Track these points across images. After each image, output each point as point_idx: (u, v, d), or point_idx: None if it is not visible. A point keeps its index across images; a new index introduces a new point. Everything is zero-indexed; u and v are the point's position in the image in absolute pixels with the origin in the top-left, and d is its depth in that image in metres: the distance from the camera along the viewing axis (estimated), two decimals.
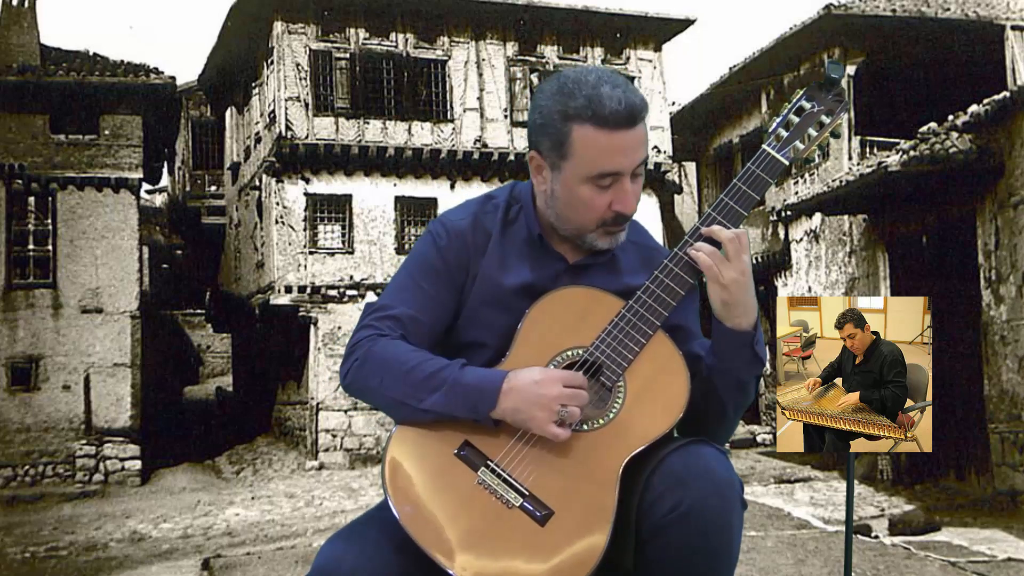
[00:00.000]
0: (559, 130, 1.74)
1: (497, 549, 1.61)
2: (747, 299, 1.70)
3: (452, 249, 1.83)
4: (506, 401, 1.64)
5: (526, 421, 1.63)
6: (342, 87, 20.77)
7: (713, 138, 23.34)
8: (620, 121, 1.71)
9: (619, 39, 22.55)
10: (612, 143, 1.71)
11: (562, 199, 1.78)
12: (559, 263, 1.85)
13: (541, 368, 1.67)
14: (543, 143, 1.78)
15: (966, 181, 11.42)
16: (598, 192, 1.75)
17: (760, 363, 1.76)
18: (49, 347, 19.05)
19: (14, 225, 19.38)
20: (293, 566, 6.06)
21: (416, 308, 1.79)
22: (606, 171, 1.73)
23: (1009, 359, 11.06)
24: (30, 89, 19.23)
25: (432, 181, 20.94)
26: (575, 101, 1.72)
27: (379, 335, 1.75)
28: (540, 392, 1.63)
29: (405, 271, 1.85)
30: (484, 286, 1.82)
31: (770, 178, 1.74)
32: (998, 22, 16.11)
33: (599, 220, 1.77)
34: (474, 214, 1.87)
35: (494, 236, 1.85)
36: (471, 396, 1.65)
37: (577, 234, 1.81)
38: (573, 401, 1.63)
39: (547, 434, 1.63)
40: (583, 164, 1.73)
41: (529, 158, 1.83)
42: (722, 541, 1.61)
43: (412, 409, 1.69)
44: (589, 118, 1.70)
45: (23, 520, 15.62)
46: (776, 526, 7.39)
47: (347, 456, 19.70)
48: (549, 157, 1.78)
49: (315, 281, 20.15)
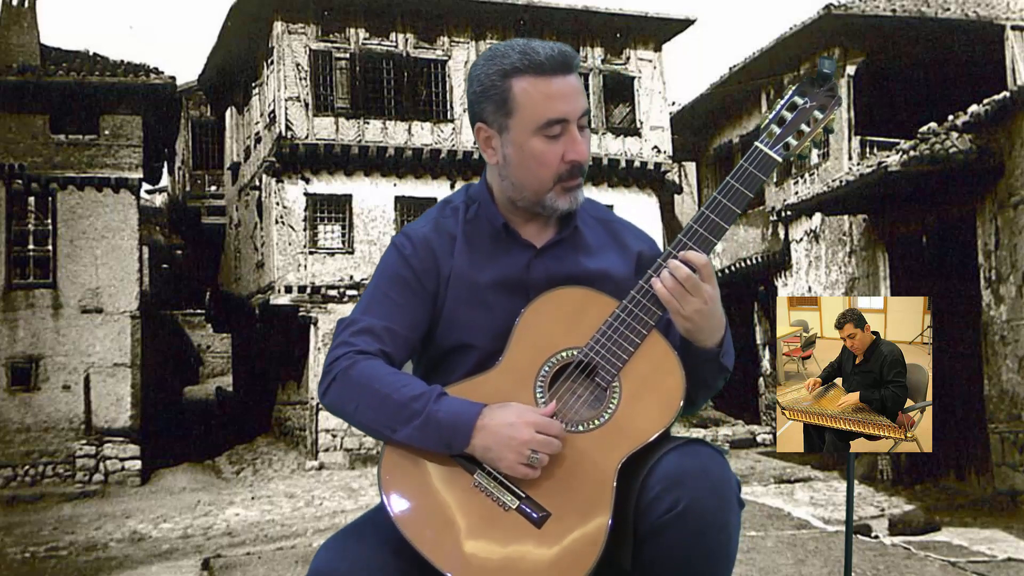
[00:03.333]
0: (500, 88, 1.77)
1: (494, 552, 1.60)
2: (712, 324, 1.70)
3: (418, 257, 1.83)
4: (478, 438, 1.64)
5: (495, 460, 1.63)
6: (342, 87, 20.77)
7: (713, 138, 23.34)
8: (556, 66, 1.75)
9: (619, 39, 22.55)
10: (552, 89, 1.75)
11: (515, 161, 1.80)
12: (528, 250, 1.85)
13: (518, 408, 1.66)
14: (486, 109, 1.81)
15: (966, 181, 11.41)
16: (548, 144, 1.77)
17: (726, 371, 1.78)
18: (49, 347, 19.05)
19: (14, 225, 19.38)
20: (293, 566, 6.05)
21: (390, 320, 1.79)
22: (552, 118, 1.75)
23: (1009, 359, 11.05)
24: (30, 89, 19.23)
25: (432, 181, 20.94)
26: (510, 58, 1.77)
27: (356, 352, 1.74)
28: (511, 435, 1.62)
29: (374, 285, 1.85)
30: (458, 287, 1.82)
31: (763, 175, 1.73)
32: (998, 22, 16.11)
33: (555, 175, 1.78)
34: (435, 220, 1.89)
35: (459, 237, 1.85)
36: (444, 433, 1.65)
37: (535, 198, 1.81)
38: (544, 449, 1.62)
39: (516, 475, 1.63)
40: (529, 116, 1.76)
41: (476, 132, 1.85)
42: (719, 541, 1.61)
43: (386, 438, 1.69)
44: (526, 68, 1.75)
45: (23, 520, 15.62)
46: (776, 526, 7.39)
47: (347, 456, 19.70)
48: (495, 121, 1.80)
49: (315, 281, 20.16)
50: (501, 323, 1.77)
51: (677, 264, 1.68)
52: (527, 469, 1.62)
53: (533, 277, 1.83)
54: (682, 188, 25.84)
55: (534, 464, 1.62)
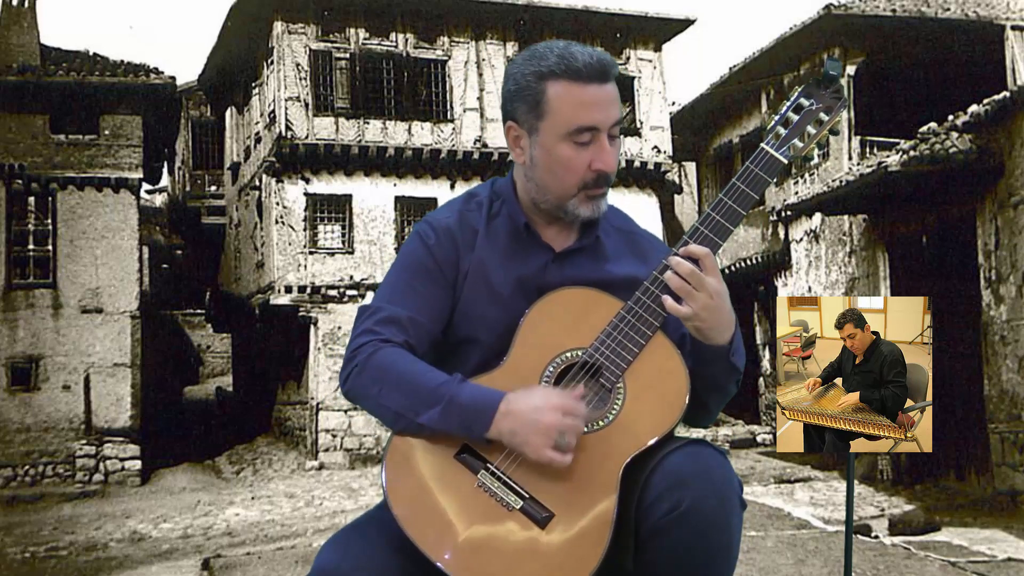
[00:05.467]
0: (534, 90, 1.76)
1: (498, 551, 1.61)
2: (721, 321, 1.69)
3: (441, 247, 1.82)
4: (503, 423, 1.63)
5: (522, 445, 1.62)
6: (342, 87, 20.77)
7: (713, 138, 23.34)
8: (593, 74, 1.74)
9: (619, 39, 22.54)
10: (586, 96, 1.74)
11: (541, 164, 1.79)
12: (546, 253, 1.84)
13: (543, 392, 1.65)
14: (519, 109, 1.80)
15: (966, 181, 11.41)
16: (577, 150, 1.76)
17: (737, 371, 1.77)
18: (49, 347, 19.05)
19: (14, 225, 19.37)
20: (293, 566, 6.06)
21: (413, 309, 1.78)
22: (583, 125, 1.74)
23: (1009, 359, 11.05)
24: (30, 89, 19.23)
25: (432, 181, 20.93)
26: (548, 60, 1.75)
27: (381, 341, 1.74)
28: (539, 419, 1.61)
29: (396, 273, 1.84)
30: (475, 282, 1.82)
31: (769, 177, 1.73)
32: (998, 22, 16.12)
33: (580, 182, 1.78)
34: (459, 212, 1.88)
35: (480, 232, 1.85)
36: (467, 416, 1.64)
37: (558, 202, 1.80)
38: (571, 431, 1.62)
39: (543, 459, 1.62)
40: (560, 120, 1.75)
41: (507, 130, 1.84)
42: (721, 541, 1.61)
43: (408, 421, 1.68)
44: (563, 72, 1.74)
45: (23, 520, 15.61)
46: (776, 526, 7.39)
47: (347, 456, 19.70)
48: (526, 121, 1.79)
49: (315, 281, 20.15)
50: (511, 321, 1.77)
51: (679, 260, 1.67)
52: (554, 454, 1.61)
53: (548, 280, 1.82)
54: (682, 188, 25.83)
55: (563, 448, 1.62)
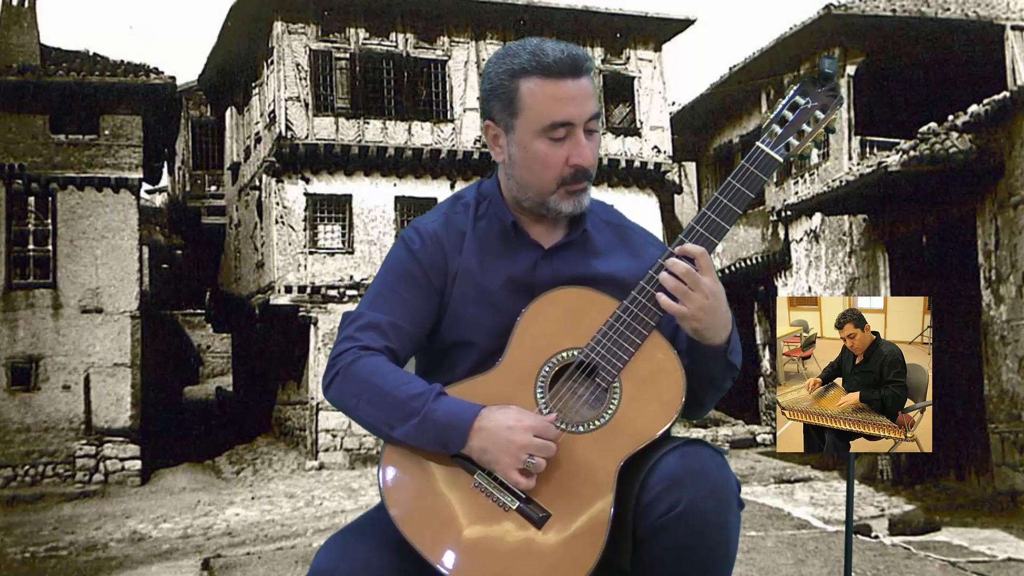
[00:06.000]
0: (508, 88, 1.77)
1: (494, 552, 1.60)
2: (717, 320, 1.68)
3: (427, 252, 1.82)
4: (475, 439, 1.63)
5: (491, 463, 1.62)
6: (342, 87, 20.77)
7: (713, 138, 23.34)
8: (565, 69, 1.74)
9: (619, 39, 22.55)
10: (559, 91, 1.74)
11: (519, 161, 1.79)
12: (536, 250, 1.84)
13: (517, 411, 1.65)
14: (495, 107, 1.80)
15: (966, 181, 11.41)
16: (553, 146, 1.76)
17: (734, 370, 1.77)
18: (49, 347, 19.05)
19: (14, 225, 19.37)
20: (293, 566, 6.06)
21: (396, 315, 1.78)
22: (557, 121, 1.74)
23: (1009, 359, 11.05)
24: (30, 89, 19.23)
25: (432, 181, 20.94)
26: (520, 58, 1.76)
27: (360, 348, 1.74)
28: (509, 438, 1.61)
29: (380, 279, 1.84)
30: (465, 284, 1.81)
31: (765, 175, 1.72)
32: (998, 22, 16.11)
33: (558, 178, 1.77)
34: (445, 215, 1.88)
35: (468, 233, 1.84)
36: (441, 432, 1.64)
37: (539, 199, 1.80)
38: (541, 453, 1.61)
39: (509, 480, 1.62)
40: (534, 117, 1.75)
41: (485, 129, 1.85)
42: (719, 541, 1.61)
43: (385, 435, 1.68)
44: (534, 69, 1.74)
45: (23, 520, 15.61)
46: (776, 526, 7.38)
47: (347, 456, 19.70)
48: (502, 119, 1.80)
49: (315, 281, 20.16)
50: (505, 322, 1.76)
51: (675, 260, 1.67)
52: (519, 477, 1.61)
53: (539, 278, 1.82)
54: (682, 188, 25.84)
55: (530, 469, 1.61)
